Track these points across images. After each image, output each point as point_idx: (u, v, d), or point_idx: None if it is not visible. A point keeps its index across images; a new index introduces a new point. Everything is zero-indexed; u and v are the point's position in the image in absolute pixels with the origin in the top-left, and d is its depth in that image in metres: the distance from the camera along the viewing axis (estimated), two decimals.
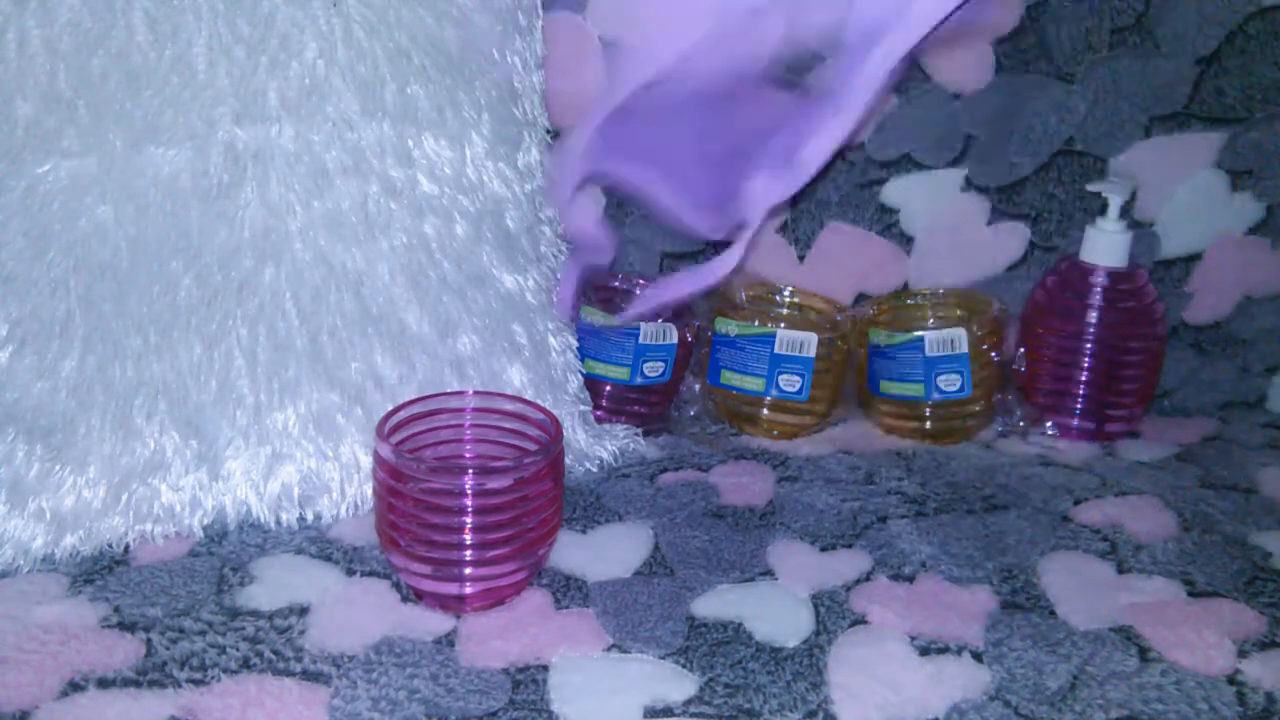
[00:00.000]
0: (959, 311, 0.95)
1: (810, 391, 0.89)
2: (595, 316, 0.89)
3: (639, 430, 0.87)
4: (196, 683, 0.59)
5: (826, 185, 0.97)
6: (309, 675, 0.60)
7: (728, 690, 0.60)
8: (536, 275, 0.80)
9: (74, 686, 0.59)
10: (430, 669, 0.61)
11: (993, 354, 0.89)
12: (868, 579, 0.70)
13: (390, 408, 0.69)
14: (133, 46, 0.69)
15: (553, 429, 0.68)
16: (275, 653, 0.62)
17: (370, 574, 0.69)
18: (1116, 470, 0.85)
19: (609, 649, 0.63)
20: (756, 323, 0.89)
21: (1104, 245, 0.90)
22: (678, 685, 0.60)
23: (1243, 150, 0.96)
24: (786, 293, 0.97)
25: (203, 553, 0.70)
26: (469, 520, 0.64)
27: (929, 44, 0.54)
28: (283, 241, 0.71)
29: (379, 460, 0.65)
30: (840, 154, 0.97)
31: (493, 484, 0.64)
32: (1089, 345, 0.90)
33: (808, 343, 0.88)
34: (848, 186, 0.97)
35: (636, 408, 0.90)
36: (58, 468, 0.69)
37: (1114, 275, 0.90)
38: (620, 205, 0.94)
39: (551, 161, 0.74)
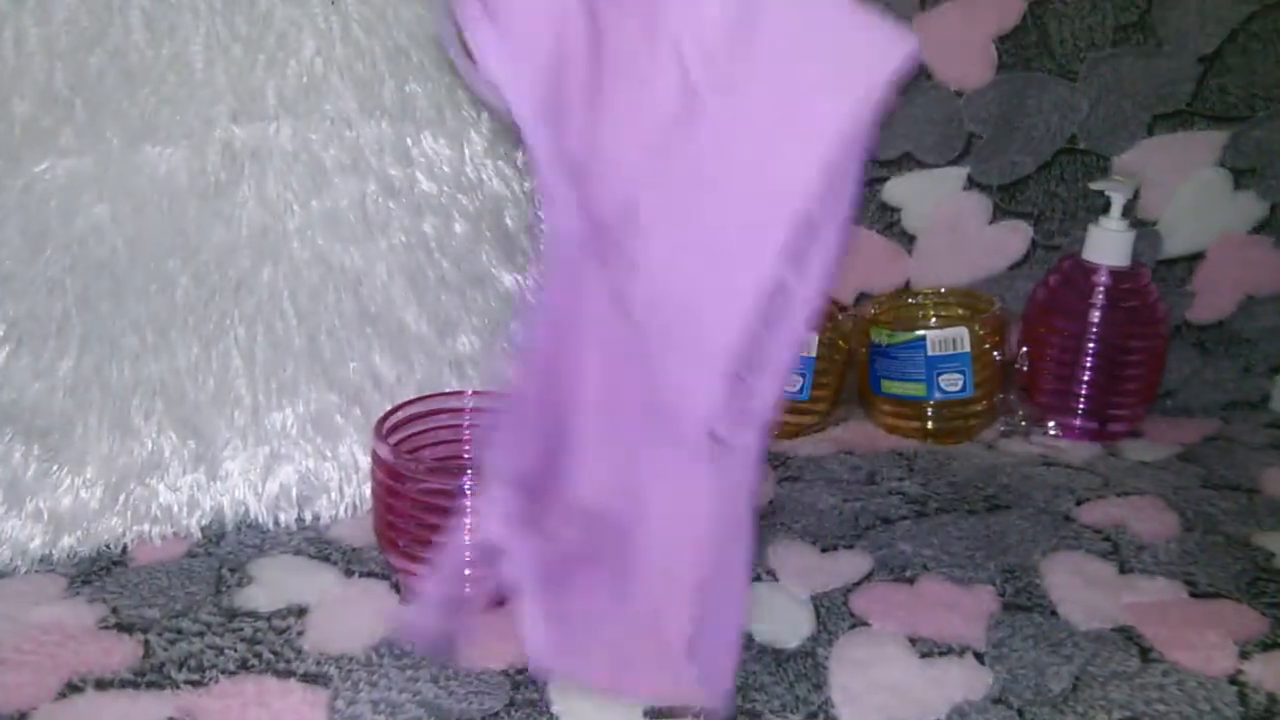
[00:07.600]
0: (961, 310, 0.95)
1: (811, 391, 0.88)
2: None
3: None
4: (195, 684, 0.59)
5: None
6: (308, 676, 0.60)
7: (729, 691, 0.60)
8: (536, 274, 0.79)
9: (72, 688, 0.59)
10: (430, 670, 0.61)
11: (995, 353, 0.89)
12: (869, 580, 0.70)
13: (389, 408, 0.69)
14: (130, 45, 0.69)
15: None
16: (274, 653, 0.61)
17: (369, 574, 0.69)
18: (1119, 470, 0.85)
19: None
20: None
21: (1107, 244, 0.89)
22: None
23: (1246, 149, 0.96)
24: None
25: (201, 553, 0.70)
26: (468, 521, 0.64)
27: None
28: (280, 240, 0.71)
29: (377, 460, 0.65)
30: None
31: None
32: (1091, 344, 0.90)
33: (809, 342, 0.88)
34: None
35: None
36: (55, 468, 0.69)
37: (1116, 274, 0.89)
38: None
39: None
